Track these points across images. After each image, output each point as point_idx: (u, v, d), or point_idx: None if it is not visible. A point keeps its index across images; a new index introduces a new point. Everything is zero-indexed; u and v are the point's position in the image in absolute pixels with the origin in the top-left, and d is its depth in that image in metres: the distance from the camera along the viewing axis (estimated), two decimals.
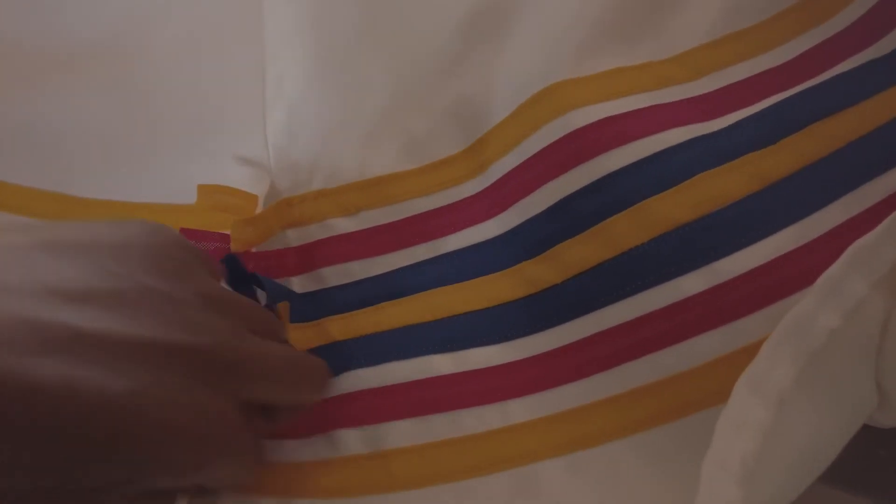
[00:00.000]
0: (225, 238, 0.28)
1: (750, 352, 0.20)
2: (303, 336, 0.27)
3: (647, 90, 0.26)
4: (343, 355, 0.26)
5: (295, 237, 0.30)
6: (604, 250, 0.23)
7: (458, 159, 0.29)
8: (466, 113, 0.29)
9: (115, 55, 0.33)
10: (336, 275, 0.28)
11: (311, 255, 0.29)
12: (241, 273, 0.27)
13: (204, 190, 0.29)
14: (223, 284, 0.26)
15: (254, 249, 0.29)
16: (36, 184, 0.31)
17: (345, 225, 0.29)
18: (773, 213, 0.22)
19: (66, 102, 0.33)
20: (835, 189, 0.22)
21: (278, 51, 0.32)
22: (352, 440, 0.24)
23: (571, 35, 0.27)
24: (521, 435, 0.23)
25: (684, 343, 0.22)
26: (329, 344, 0.26)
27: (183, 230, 0.28)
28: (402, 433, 0.24)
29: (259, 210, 0.30)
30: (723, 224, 0.22)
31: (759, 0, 0.26)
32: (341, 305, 0.27)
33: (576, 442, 0.22)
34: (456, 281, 0.26)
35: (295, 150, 0.30)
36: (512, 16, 0.29)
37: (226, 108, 0.32)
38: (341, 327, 0.27)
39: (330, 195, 0.29)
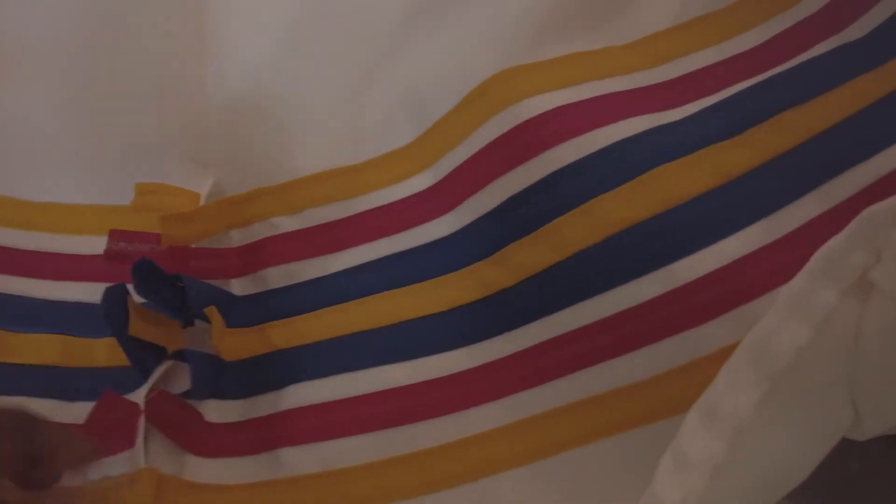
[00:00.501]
0: (160, 239, 0.27)
1: (713, 360, 0.19)
2: (242, 343, 0.25)
3: (605, 77, 0.24)
4: (288, 366, 0.24)
5: (238, 238, 0.28)
6: (554, 252, 0.22)
7: (406, 152, 0.27)
8: (414, 102, 0.27)
9: (57, 54, 0.32)
10: (278, 276, 0.27)
11: (254, 256, 0.27)
12: (156, 277, 0.25)
13: (141, 189, 0.27)
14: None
15: (194, 245, 0.28)
16: None
17: (288, 223, 0.27)
18: (736, 210, 0.21)
19: (6, 102, 0.31)
20: (803, 183, 0.20)
21: (219, 46, 0.30)
22: (300, 459, 0.22)
23: (526, 19, 0.25)
24: (481, 446, 0.22)
25: (641, 351, 0.21)
26: (271, 353, 0.25)
27: (113, 232, 0.26)
28: (355, 450, 0.22)
29: None
30: (681, 223, 0.21)
31: None
32: (285, 309, 0.26)
33: (536, 451, 0.21)
34: (409, 283, 0.25)
35: (238, 145, 0.29)
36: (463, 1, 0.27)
37: (171, 107, 0.30)
38: (284, 334, 0.25)
39: (274, 192, 0.28)
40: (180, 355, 0.25)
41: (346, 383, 0.23)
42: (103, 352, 0.26)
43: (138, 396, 0.24)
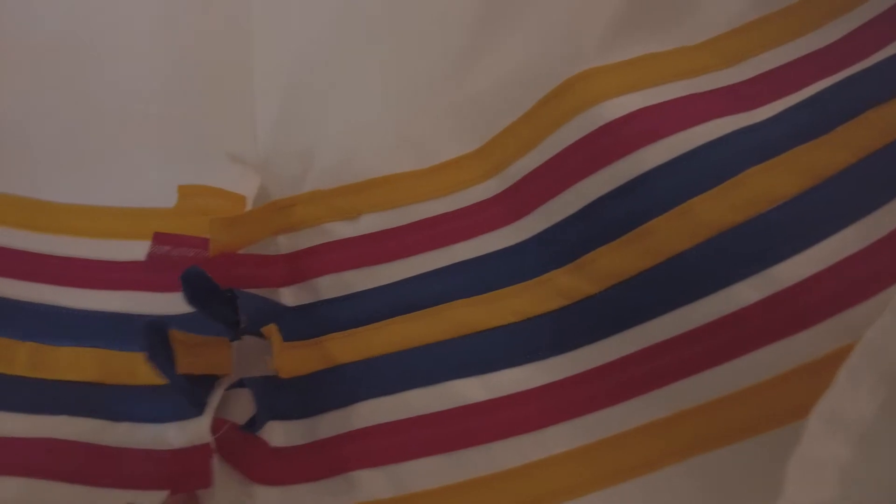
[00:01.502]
0: (206, 244, 0.25)
1: (814, 369, 0.18)
2: (300, 358, 0.24)
3: (681, 78, 0.24)
4: (352, 382, 0.23)
5: (286, 244, 0.26)
6: (644, 257, 0.21)
7: (470, 159, 0.26)
8: (480, 108, 0.26)
9: (86, 47, 0.30)
10: (333, 286, 0.25)
11: (305, 264, 0.26)
12: (208, 289, 0.24)
13: (185, 191, 0.26)
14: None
15: (241, 252, 0.26)
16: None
17: (343, 230, 0.26)
18: (831, 212, 0.20)
19: (32, 99, 0.29)
20: None
21: (269, 41, 0.28)
22: (373, 482, 0.21)
23: (595, 19, 0.25)
24: (562, 467, 0.20)
25: (738, 360, 0.19)
26: (333, 368, 0.23)
27: (157, 235, 0.24)
28: (431, 472, 0.21)
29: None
30: (776, 225, 0.20)
31: None
32: (342, 321, 0.24)
33: (621, 471, 0.20)
34: (476, 293, 0.23)
35: (287, 145, 0.27)
36: (527, 3, 0.26)
37: (211, 101, 0.29)
38: (345, 347, 0.24)
39: (326, 197, 0.26)
40: (239, 383, 0.23)
41: (416, 399, 0.22)
42: (144, 368, 0.25)
43: (201, 431, 0.22)
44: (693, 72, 0.24)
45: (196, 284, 0.23)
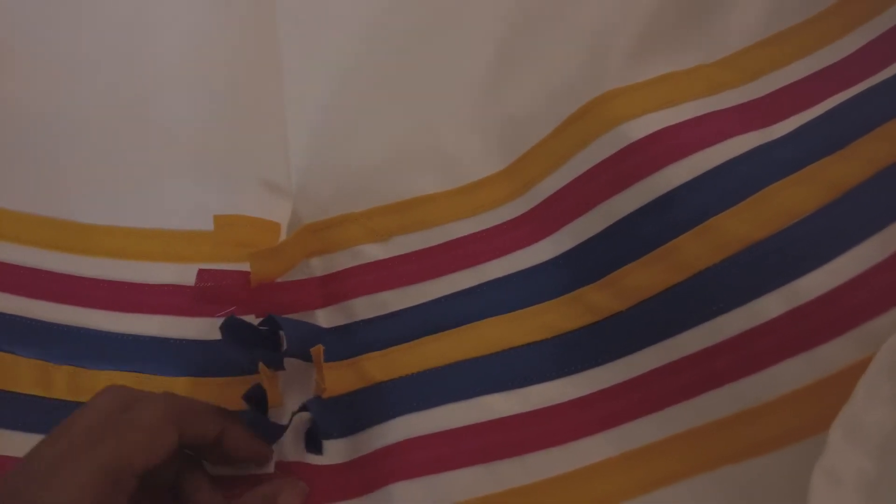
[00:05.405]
0: (244, 276, 0.26)
1: (838, 380, 0.19)
2: (339, 377, 0.25)
3: (701, 96, 0.24)
4: (390, 399, 0.24)
5: (319, 266, 0.27)
6: (672, 273, 0.22)
7: (497, 179, 0.27)
8: (505, 130, 0.27)
9: (124, 74, 0.31)
10: (367, 307, 0.26)
11: (338, 286, 0.27)
12: (245, 334, 0.25)
13: (220, 221, 0.26)
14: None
15: (279, 280, 0.27)
16: (32, 209, 0.29)
17: (375, 252, 0.27)
18: (851, 225, 0.20)
19: (67, 121, 0.30)
20: None
21: (302, 62, 0.29)
22: (413, 493, 0.22)
23: (616, 41, 0.25)
24: (596, 476, 0.21)
25: (765, 371, 0.20)
26: (371, 386, 0.24)
27: (202, 272, 0.25)
28: (468, 483, 0.22)
29: (282, 239, 0.28)
30: (798, 240, 0.21)
31: None
32: (377, 341, 0.25)
33: (654, 481, 0.21)
34: (507, 310, 0.24)
35: (319, 169, 0.28)
36: (552, 25, 0.27)
37: (245, 128, 0.30)
38: (381, 366, 0.24)
39: (357, 219, 0.27)
40: (303, 407, 0.24)
41: (452, 414, 0.23)
42: (182, 392, 0.26)
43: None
44: (712, 89, 0.25)
45: (234, 331, 0.24)
